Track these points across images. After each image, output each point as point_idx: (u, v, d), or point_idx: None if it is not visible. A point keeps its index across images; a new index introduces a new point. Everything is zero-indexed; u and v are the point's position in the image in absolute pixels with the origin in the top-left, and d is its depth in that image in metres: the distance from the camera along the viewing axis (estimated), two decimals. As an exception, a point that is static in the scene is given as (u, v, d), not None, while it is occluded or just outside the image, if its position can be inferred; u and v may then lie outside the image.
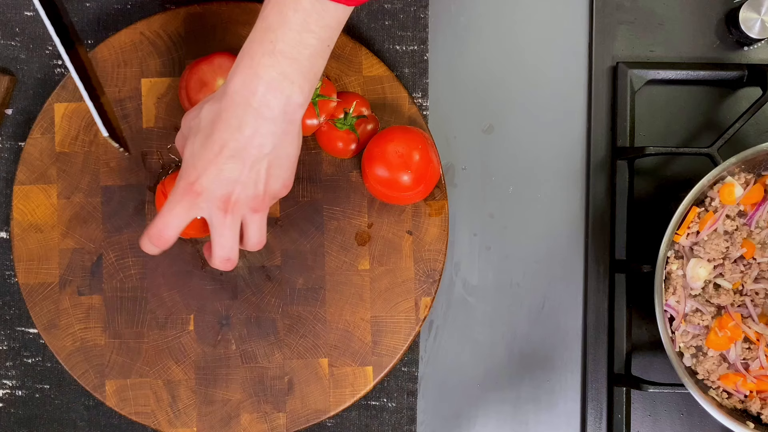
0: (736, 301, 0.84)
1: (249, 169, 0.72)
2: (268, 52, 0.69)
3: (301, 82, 0.70)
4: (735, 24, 0.91)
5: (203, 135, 0.72)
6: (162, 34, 0.89)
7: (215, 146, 0.71)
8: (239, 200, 0.73)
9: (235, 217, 0.73)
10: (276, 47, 0.69)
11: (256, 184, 0.72)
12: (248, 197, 0.73)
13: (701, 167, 0.86)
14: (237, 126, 0.70)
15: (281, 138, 0.72)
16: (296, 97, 0.70)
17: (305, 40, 0.69)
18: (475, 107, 0.93)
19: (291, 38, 0.69)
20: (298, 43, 0.69)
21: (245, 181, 0.72)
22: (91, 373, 0.88)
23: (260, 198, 0.73)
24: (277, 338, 0.89)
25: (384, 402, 0.91)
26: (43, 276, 0.89)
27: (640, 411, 0.92)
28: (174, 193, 0.73)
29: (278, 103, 0.70)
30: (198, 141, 0.72)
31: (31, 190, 0.89)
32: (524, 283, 0.93)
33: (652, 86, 0.93)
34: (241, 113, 0.70)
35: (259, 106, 0.70)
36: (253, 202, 0.73)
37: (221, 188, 0.72)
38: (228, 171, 0.71)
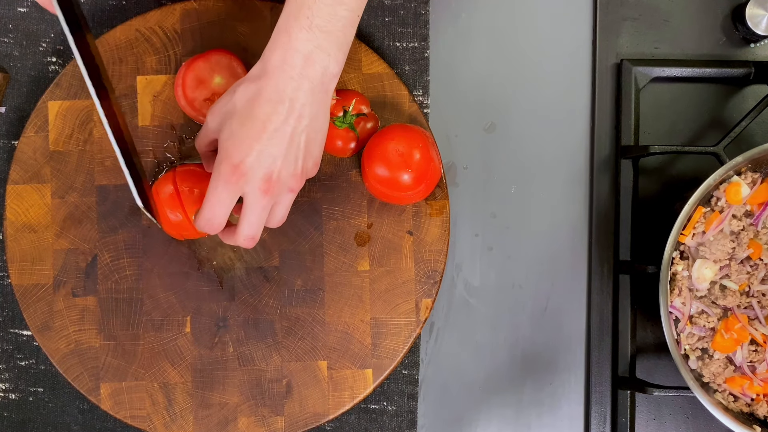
0: (743, 302, 0.84)
1: (290, 144, 0.74)
2: (305, 27, 0.72)
3: (336, 53, 0.74)
4: (741, 20, 0.91)
5: (242, 115, 0.74)
6: (158, 30, 0.89)
7: (257, 123, 0.73)
8: (280, 178, 0.75)
9: (273, 198, 0.76)
10: (313, 22, 0.72)
11: (296, 159, 0.75)
12: (288, 175, 0.75)
13: (707, 166, 0.86)
14: (278, 99, 0.73)
15: (317, 109, 0.75)
16: (332, 67, 0.74)
17: (338, 12, 0.72)
18: (477, 105, 0.93)
19: (326, 12, 0.72)
20: (332, 16, 0.72)
21: (287, 158, 0.74)
22: (85, 376, 0.88)
23: (298, 176, 0.76)
24: (275, 340, 0.89)
25: (384, 405, 0.91)
26: (36, 277, 0.89)
27: (644, 414, 0.92)
28: (217, 178, 0.75)
29: (316, 75, 0.73)
30: (236, 122, 0.74)
31: (25, 189, 0.89)
32: (527, 285, 0.93)
33: (657, 84, 0.93)
34: (282, 86, 0.73)
35: (298, 77, 0.73)
36: (292, 180, 0.76)
37: (266, 166, 0.74)
38: (272, 146, 0.74)
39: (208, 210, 0.76)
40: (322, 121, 0.76)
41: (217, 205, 0.76)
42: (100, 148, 0.89)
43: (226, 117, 0.75)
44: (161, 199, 0.84)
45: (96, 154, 0.89)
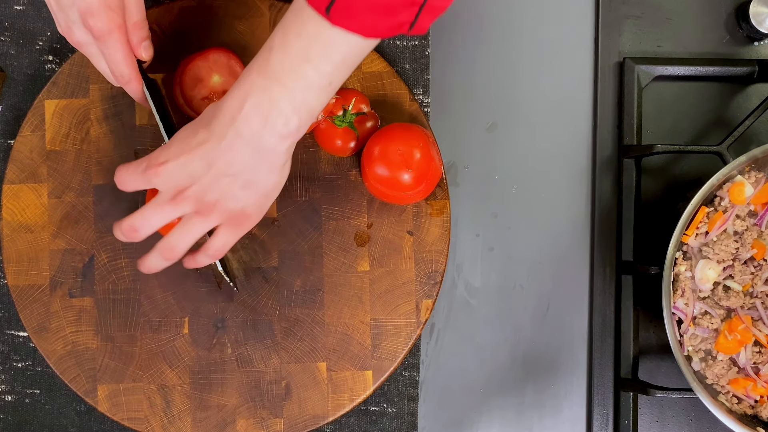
0: (746, 303, 0.84)
1: (210, 176, 0.72)
2: (262, 74, 0.68)
3: (288, 114, 0.69)
4: (745, 18, 0.91)
5: (193, 129, 0.73)
6: (156, 28, 0.89)
7: (193, 142, 0.72)
8: (189, 198, 0.73)
9: (176, 210, 0.74)
10: (270, 70, 0.68)
11: (211, 191, 0.73)
12: (198, 200, 0.73)
13: (710, 166, 0.86)
14: (218, 136, 0.71)
15: (255, 164, 0.71)
16: (280, 127, 0.69)
17: (302, 70, 0.67)
18: (478, 104, 0.93)
19: (288, 65, 0.67)
20: (293, 71, 0.67)
21: (203, 185, 0.73)
22: (82, 378, 0.88)
23: (209, 206, 0.74)
24: (274, 341, 0.89)
25: (384, 407, 0.91)
26: (33, 278, 0.89)
27: (647, 416, 0.92)
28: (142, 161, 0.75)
29: (259, 128, 0.69)
30: (187, 130, 0.74)
31: (21, 189, 0.89)
32: (528, 285, 0.93)
33: (659, 82, 0.93)
34: (224, 125, 0.70)
35: (239, 124, 0.69)
36: (201, 206, 0.74)
37: (179, 179, 0.73)
38: (192, 168, 0.72)
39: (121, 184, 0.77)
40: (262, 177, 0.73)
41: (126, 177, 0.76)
42: (97, 147, 0.89)
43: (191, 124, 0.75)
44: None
45: (93, 154, 0.89)
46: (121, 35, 0.77)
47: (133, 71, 0.79)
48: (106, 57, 0.78)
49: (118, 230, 0.77)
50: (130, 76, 0.79)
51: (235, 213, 0.75)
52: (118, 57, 0.78)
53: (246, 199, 0.74)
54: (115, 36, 0.76)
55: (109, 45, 0.76)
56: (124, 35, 0.77)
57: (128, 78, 0.79)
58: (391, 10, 0.65)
